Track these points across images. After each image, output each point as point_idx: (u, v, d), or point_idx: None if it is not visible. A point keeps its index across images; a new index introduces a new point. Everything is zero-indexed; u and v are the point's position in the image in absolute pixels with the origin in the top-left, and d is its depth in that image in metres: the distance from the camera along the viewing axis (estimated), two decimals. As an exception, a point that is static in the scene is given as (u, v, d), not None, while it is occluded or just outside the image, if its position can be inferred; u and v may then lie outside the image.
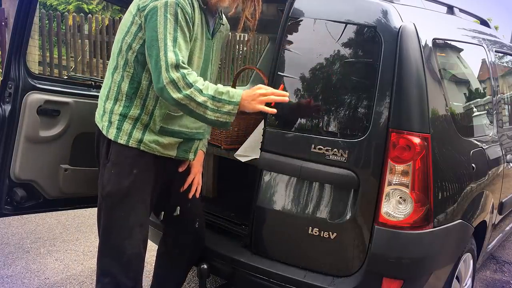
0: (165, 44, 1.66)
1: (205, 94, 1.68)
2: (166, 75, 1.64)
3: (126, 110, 1.82)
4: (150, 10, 1.68)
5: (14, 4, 4.82)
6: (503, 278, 3.44)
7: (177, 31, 1.69)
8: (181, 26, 1.70)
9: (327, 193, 1.94)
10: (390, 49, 1.79)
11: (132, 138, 1.82)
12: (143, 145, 1.83)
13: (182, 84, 1.65)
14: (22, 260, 3.10)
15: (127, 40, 1.78)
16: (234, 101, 1.71)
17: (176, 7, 1.68)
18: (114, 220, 1.87)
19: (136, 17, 1.75)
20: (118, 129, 1.82)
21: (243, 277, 2.11)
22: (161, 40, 1.66)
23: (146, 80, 1.80)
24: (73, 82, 2.48)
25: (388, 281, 1.83)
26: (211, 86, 1.71)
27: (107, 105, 1.85)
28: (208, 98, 1.68)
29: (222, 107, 1.70)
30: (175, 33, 1.68)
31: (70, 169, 2.42)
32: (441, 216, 1.89)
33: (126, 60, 1.80)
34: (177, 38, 1.68)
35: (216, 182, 2.81)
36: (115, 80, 1.82)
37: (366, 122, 1.83)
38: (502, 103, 2.89)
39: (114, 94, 1.83)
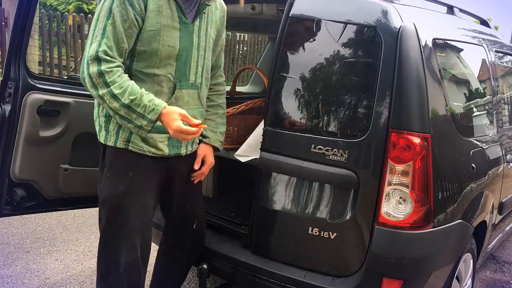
0: (92, 35, 1.60)
1: (119, 101, 1.60)
2: (85, 68, 1.59)
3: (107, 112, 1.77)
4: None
5: (14, 4, 4.81)
6: (503, 278, 3.44)
7: (109, 19, 1.61)
8: (114, 14, 1.62)
9: (327, 193, 1.94)
10: (390, 49, 1.79)
11: (119, 138, 1.77)
12: (131, 145, 1.77)
13: (98, 81, 1.59)
14: (22, 260, 3.10)
15: None
16: (148, 118, 1.63)
17: None
18: (111, 225, 1.84)
19: None
20: (106, 131, 1.79)
21: (243, 277, 2.11)
22: (91, 31, 1.62)
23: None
24: (73, 82, 2.48)
25: (388, 281, 1.83)
26: (130, 92, 1.60)
27: (95, 109, 1.84)
28: (120, 106, 1.60)
29: (135, 119, 1.63)
30: (106, 21, 1.61)
31: (70, 169, 2.42)
32: (441, 216, 1.89)
33: None
34: (106, 26, 1.60)
35: (216, 182, 2.81)
36: None
37: (366, 122, 1.83)
38: (502, 103, 2.89)
39: None
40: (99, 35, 1.61)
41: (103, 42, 1.60)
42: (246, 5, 2.81)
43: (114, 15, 1.62)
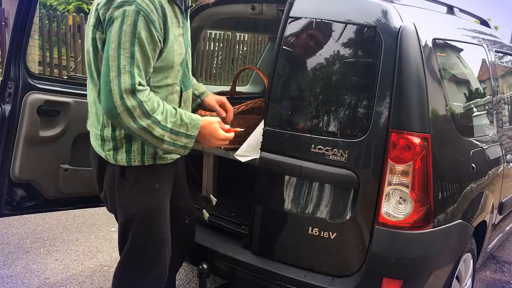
0: (118, 64, 1.44)
1: (164, 127, 1.53)
2: (120, 102, 1.45)
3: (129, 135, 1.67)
4: (108, 19, 1.48)
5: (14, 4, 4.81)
6: (503, 278, 3.44)
7: (135, 45, 1.46)
8: (140, 38, 1.47)
9: (327, 193, 1.94)
10: (390, 49, 1.79)
11: (146, 156, 1.69)
12: (159, 159, 1.72)
13: (138, 113, 1.48)
14: (22, 260, 3.10)
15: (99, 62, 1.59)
16: (191, 135, 1.61)
17: (136, 16, 1.45)
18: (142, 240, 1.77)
19: (97, 31, 1.55)
20: (128, 152, 1.67)
21: (243, 277, 2.11)
22: (112, 58, 1.45)
23: None
24: (73, 82, 2.48)
25: (388, 281, 1.83)
26: (169, 115, 1.55)
27: (106, 133, 1.69)
28: (166, 131, 1.54)
29: (178, 140, 1.59)
30: (132, 47, 1.46)
31: (70, 169, 2.42)
32: (441, 216, 1.89)
33: None
34: (135, 54, 1.46)
35: (216, 182, 2.81)
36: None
37: (366, 122, 1.83)
38: (502, 103, 2.89)
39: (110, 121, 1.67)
40: (128, 65, 1.46)
41: (135, 73, 1.48)
42: (246, 5, 2.81)
43: (140, 40, 1.48)
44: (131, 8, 1.46)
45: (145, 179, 1.74)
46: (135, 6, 1.46)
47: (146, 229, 1.78)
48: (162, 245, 1.83)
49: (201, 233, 2.35)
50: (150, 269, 1.84)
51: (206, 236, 2.31)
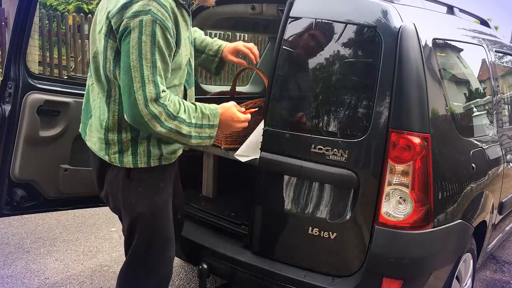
0: (142, 75, 1.47)
1: (189, 124, 1.59)
2: (146, 112, 1.49)
3: (136, 133, 1.67)
4: (124, 30, 1.47)
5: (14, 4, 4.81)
6: (503, 278, 3.44)
7: (155, 54, 1.49)
8: (159, 47, 1.50)
9: (327, 193, 1.94)
10: (390, 49, 1.79)
11: (152, 158, 1.71)
12: (164, 160, 1.74)
13: (164, 117, 1.52)
14: (22, 260, 3.10)
15: (110, 68, 1.59)
16: (214, 125, 1.68)
17: (153, 25, 1.46)
18: (149, 239, 1.78)
19: (109, 40, 1.54)
20: (134, 154, 1.68)
21: (243, 277, 2.11)
22: (135, 69, 1.46)
23: None
24: (73, 82, 2.48)
25: (388, 281, 1.83)
26: (190, 111, 1.61)
27: (111, 136, 1.69)
28: (192, 127, 1.60)
29: (203, 132, 1.65)
30: (153, 56, 1.48)
31: (70, 169, 2.42)
32: (441, 216, 1.89)
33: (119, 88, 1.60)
34: (156, 63, 1.49)
35: (216, 182, 2.81)
36: (113, 110, 1.66)
37: (366, 122, 1.83)
38: (502, 103, 2.89)
39: (116, 124, 1.67)
40: (151, 74, 1.49)
41: (159, 82, 1.51)
42: (246, 5, 2.81)
43: (160, 48, 1.50)
44: (147, 18, 1.46)
45: (150, 179, 1.75)
46: (151, 16, 1.47)
47: (151, 229, 1.79)
48: (167, 245, 1.85)
49: (201, 233, 2.35)
50: (155, 268, 1.84)
51: (206, 236, 2.31)
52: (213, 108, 1.70)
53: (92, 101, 1.79)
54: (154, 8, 1.48)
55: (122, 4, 1.49)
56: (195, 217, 2.47)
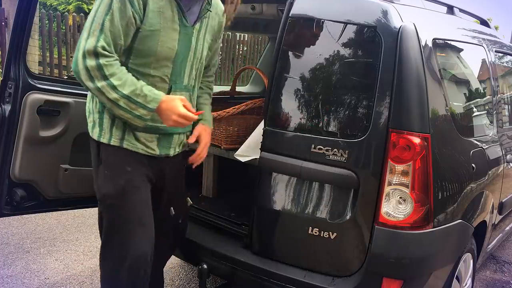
0: (90, 28, 1.61)
1: (119, 92, 1.62)
2: (81, 60, 1.59)
3: (101, 105, 1.78)
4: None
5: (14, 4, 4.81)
6: (503, 278, 3.44)
7: (108, 14, 1.62)
8: (113, 9, 1.62)
9: (327, 193, 1.94)
10: (390, 49, 1.79)
11: (113, 136, 1.79)
12: (126, 143, 1.80)
13: (96, 73, 1.60)
14: (22, 260, 3.10)
15: None
16: (149, 107, 1.67)
17: None
18: (114, 221, 1.83)
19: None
20: (100, 127, 1.80)
21: (243, 277, 2.11)
22: (88, 24, 1.63)
23: None
24: (73, 82, 2.48)
25: (388, 281, 1.83)
26: (129, 83, 1.64)
27: (88, 104, 1.85)
28: (120, 96, 1.63)
29: (135, 109, 1.66)
30: (104, 16, 1.61)
31: (70, 169, 2.42)
32: (441, 216, 1.89)
33: None
34: (105, 21, 1.61)
35: (216, 182, 2.81)
36: None
37: (366, 122, 1.83)
38: (502, 103, 2.89)
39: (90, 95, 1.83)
40: (97, 30, 1.61)
41: (101, 38, 1.61)
42: (246, 5, 2.81)
43: (113, 11, 1.63)
44: None
45: (115, 161, 1.81)
46: None
47: (118, 209, 1.81)
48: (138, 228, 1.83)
49: (201, 233, 2.36)
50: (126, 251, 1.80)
51: (206, 236, 2.31)
52: (156, 93, 1.69)
53: None
54: None
55: None
56: (195, 217, 2.47)
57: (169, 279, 3.00)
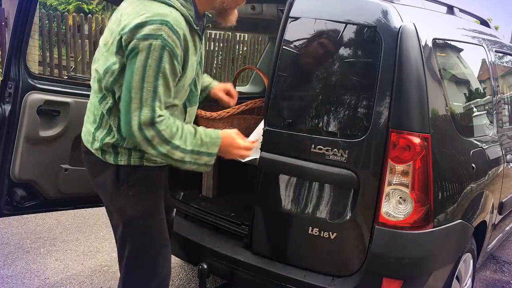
0: (141, 97, 1.48)
1: (183, 150, 1.59)
2: (138, 133, 1.51)
3: (120, 142, 1.68)
4: (132, 50, 1.48)
5: (14, 4, 4.81)
6: (503, 278, 3.44)
7: (159, 79, 1.49)
8: (164, 73, 1.50)
9: (327, 193, 1.94)
10: (390, 49, 1.79)
11: (132, 157, 1.70)
12: (146, 161, 1.73)
13: (157, 141, 1.53)
14: (22, 260, 3.10)
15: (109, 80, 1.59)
16: (212, 153, 1.67)
17: (161, 51, 1.47)
18: (142, 243, 1.77)
19: (118, 54, 1.54)
20: (116, 154, 1.70)
21: (243, 277, 2.11)
22: (136, 90, 1.48)
23: None
24: (73, 82, 2.48)
25: (388, 281, 1.83)
26: (188, 137, 1.60)
27: (98, 133, 1.71)
28: (186, 154, 1.59)
29: (199, 159, 1.64)
30: (155, 81, 1.49)
31: (70, 169, 2.42)
32: (441, 216, 1.89)
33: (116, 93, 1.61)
34: (158, 88, 1.50)
35: (216, 182, 2.81)
36: (103, 109, 1.67)
37: (366, 122, 1.83)
38: (502, 103, 2.89)
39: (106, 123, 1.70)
40: (150, 98, 1.49)
41: (156, 106, 1.51)
42: (246, 5, 2.81)
43: (165, 75, 1.51)
44: (157, 42, 1.46)
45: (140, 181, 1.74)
46: (161, 41, 1.47)
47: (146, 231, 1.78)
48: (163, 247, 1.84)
49: (201, 233, 2.36)
50: (155, 271, 1.83)
51: (206, 236, 2.31)
52: (214, 137, 1.68)
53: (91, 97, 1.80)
54: (165, 34, 1.47)
55: (135, 24, 1.48)
56: (195, 217, 2.47)
57: (169, 279, 3.00)
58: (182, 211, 2.52)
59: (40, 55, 7.21)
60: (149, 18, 1.47)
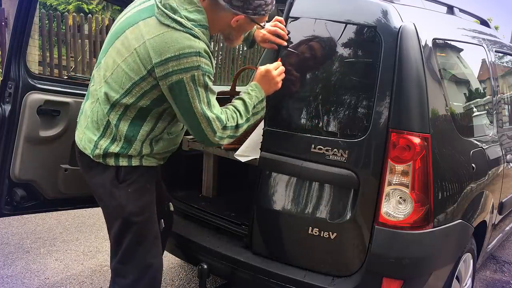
0: (205, 116, 1.67)
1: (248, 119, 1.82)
2: (217, 140, 1.74)
3: (124, 151, 1.76)
4: (176, 83, 1.61)
5: (14, 4, 4.81)
6: (503, 278, 3.44)
7: (209, 95, 1.68)
8: (210, 89, 1.69)
9: (327, 193, 1.94)
10: (390, 49, 1.79)
11: (133, 159, 1.79)
12: (144, 161, 1.82)
13: (232, 132, 1.78)
14: (22, 260, 3.10)
15: (135, 93, 1.67)
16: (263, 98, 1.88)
17: (204, 77, 1.63)
18: (138, 236, 1.85)
19: (149, 77, 1.63)
20: (117, 157, 1.77)
21: (243, 277, 2.11)
22: (199, 114, 1.66)
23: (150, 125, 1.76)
24: (73, 82, 2.48)
25: (388, 281, 1.83)
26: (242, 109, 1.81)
27: (102, 142, 1.76)
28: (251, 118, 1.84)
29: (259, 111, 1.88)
30: (208, 98, 1.68)
31: (70, 169, 2.42)
32: (441, 216, 1.89)
33: (129, 106, 1.70)
34: (211, 101, 1.69)
35: (216, 182, 2.81)
36: (112, 119, 1.72)
37: (366, 122, 1.83)
38: (502, 103, 2.89)
39: (111, 133, 1.75)
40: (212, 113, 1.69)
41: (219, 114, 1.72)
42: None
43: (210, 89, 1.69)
44: (199, 73, 1.62)
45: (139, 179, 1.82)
46: (201, 71, 1.62)
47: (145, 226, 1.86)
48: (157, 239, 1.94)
49: (201, 233, 2.36)
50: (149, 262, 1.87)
51: (206, 236, 2.31)
52: (254, 88, 1.86)
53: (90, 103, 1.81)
54: (203, 63, 1.62)
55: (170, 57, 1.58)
56: (195, 217, 2.47)
57: (169, 279, 3.01)
58: (182, 211, 2.52)
59: (40, 55, 7.21)
60: (182, 51, 1.58)
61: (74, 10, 11.57)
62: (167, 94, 1.66)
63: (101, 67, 1.76)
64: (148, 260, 1.88)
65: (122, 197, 1.79)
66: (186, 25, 1.60)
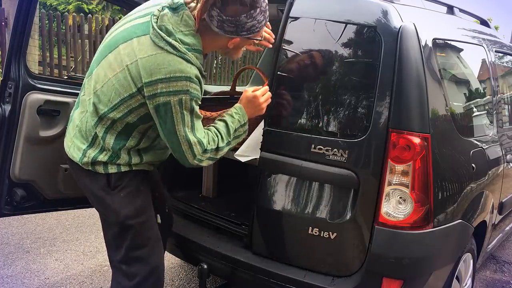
0: (187, 140, 1.68)
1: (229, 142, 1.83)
2: (197, 162, 1.75)
3: (113, 159, 1.77)
4: (163, 105, 1.61)
5: (14, 4, 4.81)
6: (503, 278, 3.44)
7: (194, 119, 1.69)
8: (196, 114, 1.70)
9: (327, 193, 1.94)
10: (390, 49, 1.79)
11: (122, 165, 1.80)
12: (134, 166, 1.82)
13: (212, 155, 1.78)
14: (22, 260, 3.10)
15: (123, 109, 1.68)
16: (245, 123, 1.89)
17: (191, 102, 1.64)
18: (137, 239, 1.85)
19: (138, 95, 1.64)
20: (105, 165, 1.78)
21: (243, 277, 2.11)
22: (182, 137, 1.67)
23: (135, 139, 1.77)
24: (73, 82, 2.47)
25: (388, 281, 1.83)
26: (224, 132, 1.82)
27: (90, 151, 1.77)
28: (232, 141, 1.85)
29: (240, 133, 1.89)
30: (192, 122, 1.69)
31: (70, 169, 2.41)
32: (441, 216, 1.89)
33: (116, 121, 1.71)
34: (195, 124, 1.70)
35: (216, 182, 2.81)
36: (99, 132, 1.74)
37: (366, 122, 1.83)
38: (502, 103, 2.89)
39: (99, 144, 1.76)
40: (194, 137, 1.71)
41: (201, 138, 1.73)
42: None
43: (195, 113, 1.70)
44: (187, 97, 1.62)
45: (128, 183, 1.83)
46: (189, 96, 1.63)
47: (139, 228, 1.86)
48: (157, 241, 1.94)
49: (201, 233, 2.36)
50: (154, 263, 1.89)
51: (206, 236, 2.32)
52: (238, 112, 1.87)
53: (80, 112, 1.82)
54: (192, 88, 1.63)
55: (160, 78, 1.59)
56: (195, 217, 2.47)
57: (169, 279, 3.01)
58: (182, 211, 2.52)
59: (40, 55, 7.21)
60: (173, 75, 1.59)
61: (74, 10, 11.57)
62: (152, 114, 1.66)
63: (92, 78, 1.76)
64: (153, 262, 1.89)
65: (115, 203, 1.81)
66: (180, 49, 1.60)
